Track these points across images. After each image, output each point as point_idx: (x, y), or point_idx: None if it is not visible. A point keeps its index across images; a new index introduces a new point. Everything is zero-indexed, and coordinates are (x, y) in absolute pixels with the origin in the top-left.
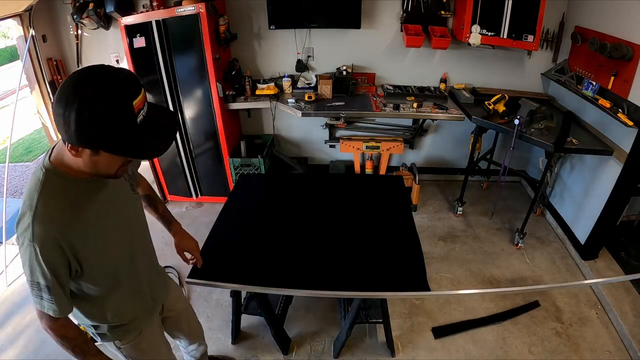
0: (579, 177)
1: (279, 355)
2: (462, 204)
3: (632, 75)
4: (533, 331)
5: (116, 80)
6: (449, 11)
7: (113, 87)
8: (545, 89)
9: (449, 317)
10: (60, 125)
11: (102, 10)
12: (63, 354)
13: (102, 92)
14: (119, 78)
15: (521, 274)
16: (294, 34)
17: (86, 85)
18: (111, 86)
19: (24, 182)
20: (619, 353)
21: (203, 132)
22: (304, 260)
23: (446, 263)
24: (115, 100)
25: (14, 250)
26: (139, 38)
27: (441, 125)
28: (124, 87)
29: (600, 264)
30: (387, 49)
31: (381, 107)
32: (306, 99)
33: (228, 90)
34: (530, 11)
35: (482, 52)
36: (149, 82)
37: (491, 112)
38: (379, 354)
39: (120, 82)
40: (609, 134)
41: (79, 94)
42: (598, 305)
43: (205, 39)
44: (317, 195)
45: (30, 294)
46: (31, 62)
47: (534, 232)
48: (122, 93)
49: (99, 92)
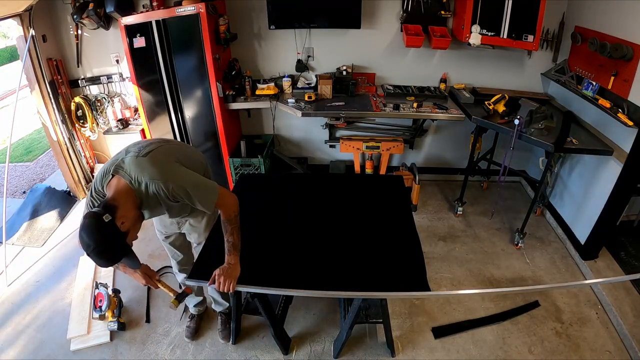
0: (579, 177)
1: (279, 355)
2: (462, 204)
3: (632, 75)
4: (533, 331)
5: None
6: (449, 11)
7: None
8: (545, 89)
9: (449, 317)
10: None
11: (102, 10)
12: (63, 354)
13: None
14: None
15: (521, 274)
16: (294, 34)
17: (86, 237)
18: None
19: (24, 182)
20: (619, 353)
21: (203, 132)
22: (304, 260)
23: (446, 263)
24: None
25: (14, 250)
26: (139, 38)
27: (441, 125)
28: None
29: (600, 264)
30: (387, 49)
31: (381, 107)
32: (306, 99)
33: (228, 90)
34: (530, 11)
35: (482, 52)
36: (149, 82)
37: (491, 112)
38: (379, 354)
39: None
40: (609, 134)
41: (84, 233)
42: (598, 305)
43: (205, 39)
44: (317, 195)
45: (29, 294)
46: (31, 62)
47: (534, 232)
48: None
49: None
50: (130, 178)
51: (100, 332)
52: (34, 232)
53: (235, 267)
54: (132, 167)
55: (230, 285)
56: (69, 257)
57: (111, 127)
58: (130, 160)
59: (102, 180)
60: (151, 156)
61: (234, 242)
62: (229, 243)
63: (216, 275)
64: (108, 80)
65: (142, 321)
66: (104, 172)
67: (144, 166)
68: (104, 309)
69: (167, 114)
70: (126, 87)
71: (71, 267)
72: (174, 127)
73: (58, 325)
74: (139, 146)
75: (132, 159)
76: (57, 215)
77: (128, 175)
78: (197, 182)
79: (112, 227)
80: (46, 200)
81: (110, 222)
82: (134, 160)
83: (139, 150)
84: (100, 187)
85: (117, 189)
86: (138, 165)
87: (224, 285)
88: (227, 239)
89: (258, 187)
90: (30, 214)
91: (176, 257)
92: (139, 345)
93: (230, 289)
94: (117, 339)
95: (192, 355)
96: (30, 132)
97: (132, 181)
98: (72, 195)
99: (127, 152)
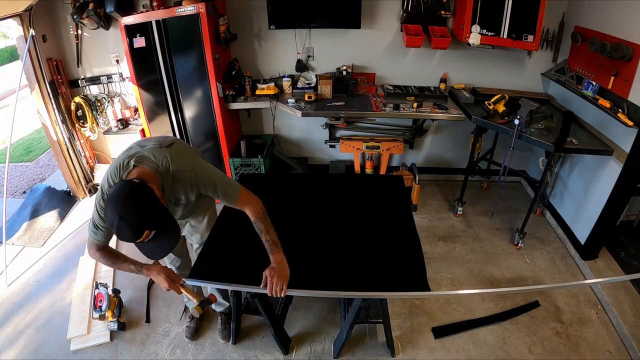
0: (579, 177)
1: (279, 355)
2: (462, 204)
3: (632, 75)
4: (533, 331)
5: (129, 223)
6: (449, 11)
7: (126, 225)
8: (545, 89)
9: (449, 317)
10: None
11: (102, 10)
12: (63, 354)
13: (121, 221)
14: (131, 224)
15: (521, 274)
16: (294, 34)
17: (119, 209)
18: (125, 224)
19: (24, 182)
20: (619, 353)
21: (203, 132)
22: (304, 260)
23: (446, 263)
24: (122, 233)
25: (14, 250)
26: (139, 38)
27: (441, 125)
28: (130, 232)
29: (600, 264)
30: (387, 49)
31: (381, 107)
32: (306, 99)
33: (228, 90)
34: (530, 11)
35: (482, 52)
36: (149, 82)
37: (491, 112)
38: (379, 354)
39: (129, 227)
40: (609, 134)
41: (115, 208)
42: (598, 305)
43: (205, 39)
44: (317, 195)
45: (29, 294)
46: (31, 62)
47: (534, 232)
48: (129, 234)
49: (122, 219)
50: (157, 166)
51: (100, 332)
52: (34, 232)
53: (285, 266)
54: (158, 156)
55: (282, 287)
56: (69, 257)
57: (111, 127)
58: (153, 150)
59: (121, 173)
60: (175, 148)
61: (273, 239)
62: (268, 242)
63: (267, 277)
64: (108, 80)
65: (142, 321)
66: (120, 165)
67: (172, 155)
68: (104, 309)
69: (167, 114)
70: (126, 87)
71: (71, 267)
72: (174, 127)
73: (58, 325)
74: (156, 139)
75: (155, 150)
76: (57, 215)
77: (154, 163)
78: (221, 175)
79: (145, 187)
80: (46, 200)
81: (142, 183)
82: (159, 151)
83: (159, 142)
84: (117, 180)
85: (141, 173)
86: (164, 154)
87: (277, 287)
88: (265, 239)
89: (258, 187)
90: (30, 214)
91: (175, 263)
92: (139, 345)
93: (283, 292)
94: (117, 339)
95: (192, 355)
96: (30, 132)
97: (158, 169)
98: (72, 195)
99: (142, 145)
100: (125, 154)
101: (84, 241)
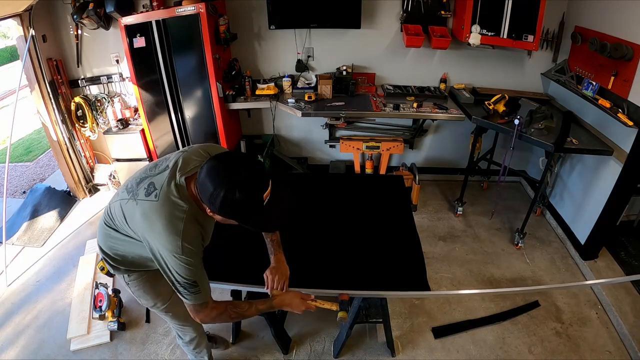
0: (579, 177)
1: (279, 355)
2: (462, 204)
3: (632, 75)
4: (533, 331)
5: (257, 177)
6: (449, 11)
7: (252, 184)
8: (545, 89)
9: (449, 317)
10: (206, 196)
11: (102, 10)
12: (63, 354)
13: (244, 186)
14: (258, 175)
15: (521, 274)
16: (294, 34)
17: (235, 176)
18: (252, 184)
19: (24, 182)
20: (619, 353)
21: (203, 132)
22: (304, 259)
23: (446, 263)
24: (252, 195)
25: (14, 250)
26: (139, 38)
27: (441, 125)
28: (260, 184)
29: (600, 264)
30: (387, 49)
31: (381, 107)
32: (306, 99)
33: (228, 90)
34: (530, 11)
35: (482, 52)
36: (149, 82)
37: (491, 112)
38: (379, 354)
39: (258, 180)
40: (609, 134)
41: (228, 183)
42: (598, 306)
43: (205, 39)
44: (317, 195)
45: (29, 294)
46: (31, 62)
47: (534, 232)
48: (258, 189)
49: (243, 185)
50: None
51: (100, 332)
52: (34, 232)
53: (285, 266)
54: (198, 158)
55: (283, 286)
56: (69, 257)
57: (111, 127)
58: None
59: (180, 196)
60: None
61: (277, 240)
62: (272, 243)
63: (268, 277)
64: (108, 80)
65: (142, 321)
66: (174, 203)
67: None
68: (104, 309)
69: (167, 114)
70: (126, 87)
71: (71, 267)
72: (174, 127)
73: (58, 325)
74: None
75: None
76: (57, 215)
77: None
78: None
79: (222, 153)
80: (46, 200)
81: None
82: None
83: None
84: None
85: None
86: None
87: (277, 286)
88: (271, 239)
89: None
90: (30, 214)
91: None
92: (139, 345)
93: (283, 291)
94: (117, 339)
95: None
96: (30, 132)
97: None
98: (72, 195)
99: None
100: (165, 183)
101: (84, 241)
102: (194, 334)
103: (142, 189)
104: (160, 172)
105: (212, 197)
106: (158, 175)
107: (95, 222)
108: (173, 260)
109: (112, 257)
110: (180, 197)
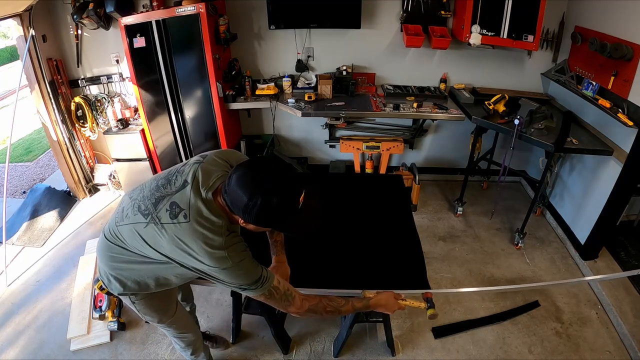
0: (579, 177)
1: (279, 355)
2: (462, 204)
3: (632, 75)
4: (533, 331)
5: (290, 181)
6: (449, 11)
7: (287, 189)
8: (545, 89)
9: (449, 317)
10: (240, 208)
11: (102, 10)
12: (63, 354)
13: (279, 192)
14: (290, 180)
15: (521, 274)
16: (294, 34)
17: (267, 182)
18: (286, 188)
19: (24, 182)
20: (619, 353)
21: (203, 132)
22: (304, 259)
23: (446, 263)
24: (289, 200)
25: (14, 250)
26: (139, 38)
27: (441, 125)
28: (294, 188)
29: (600, 264)
30: (387, 49)
31: (381, 107)
32: (306, 99)
33: (228, 90)
34: (530, 11)
35: (482, 52)
36: (149, 82)
37: (491, 112)
38: (379, 354)
39: (292, 184)
40: (609, 134)
41: (262, 190)
42: (598, 305)
43: (205, 39)
44: (316, 195)
45: (29, 294)
46: (31, 62)
47: (534, 232)
48: (294, 193)
49: (278, 191)
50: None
51: (100, 332)
52: (34, 232)
53: (286, 266)
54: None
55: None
56: (69, 257)
57: (111, 127)
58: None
59: (210, 210)
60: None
61: (281, 241)
62: (276, 243)
63: None
64: (108, 80)
65: (142, 321)
66: (207, 218)
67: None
68: (104, 309)
69: (167, 114)
70: (126, 87)
71: (71, 267)
72: (174, 127)
73: (58, 325)
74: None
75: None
76: (57, 215)
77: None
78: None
79: (252, 160)
80: (46, 200)
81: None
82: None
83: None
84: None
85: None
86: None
87: None
88: (276, 239)
89: None
90: (30, 214)
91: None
92: (139, 345)
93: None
94: (117, 339)
95: None
96: (30, 132)
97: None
98: (72, 195)
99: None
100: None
101: (84, 241)
102: (192, 338)
103: (163, 211)
104: (179, 189)
105: (248, 207)
106: (178, 194)
107: (95, 222)
108: (225, 275)
109: (120, 281)
110: (212, 214)
